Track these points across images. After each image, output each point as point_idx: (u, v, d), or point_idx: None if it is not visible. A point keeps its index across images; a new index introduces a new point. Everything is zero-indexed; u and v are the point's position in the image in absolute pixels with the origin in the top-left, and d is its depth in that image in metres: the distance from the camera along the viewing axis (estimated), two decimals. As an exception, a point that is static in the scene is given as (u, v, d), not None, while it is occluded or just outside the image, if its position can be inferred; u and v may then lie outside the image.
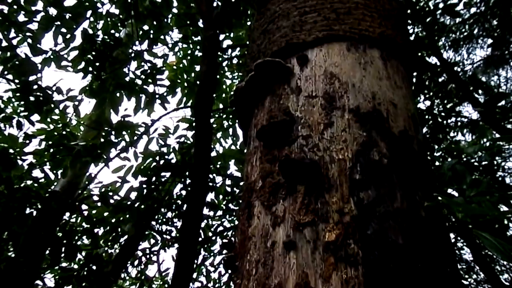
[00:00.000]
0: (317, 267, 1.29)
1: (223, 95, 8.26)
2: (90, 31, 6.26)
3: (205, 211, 7.45)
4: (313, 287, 1.25)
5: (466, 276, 7.96)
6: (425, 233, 1.40)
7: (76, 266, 5.95)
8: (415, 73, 5.32)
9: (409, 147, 1.65)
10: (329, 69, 1.86)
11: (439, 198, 1.41)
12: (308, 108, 1.73)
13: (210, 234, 7.56)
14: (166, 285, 9.70)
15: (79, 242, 7.75)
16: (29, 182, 5.92)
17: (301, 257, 1.33)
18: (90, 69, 6.19)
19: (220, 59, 7.83)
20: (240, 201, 1.84)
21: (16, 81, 5.49)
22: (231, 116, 7.65)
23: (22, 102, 5.43)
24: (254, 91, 2.07)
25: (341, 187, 1.44)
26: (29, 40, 5.81)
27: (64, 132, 5.80)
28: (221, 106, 8.16)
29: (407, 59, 2.17)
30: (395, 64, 2.02)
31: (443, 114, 6.06)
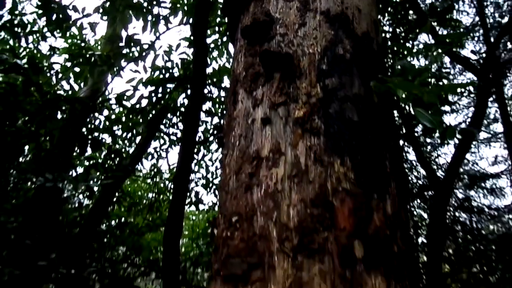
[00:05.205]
0: (287, 137, 1.31)
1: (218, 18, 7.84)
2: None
3: (204, 117, 7.48)
4: (283, 152, 1.28)
5: (409, 173, 8.34)
6: (376, 114, 1.41)
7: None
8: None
9: (369, 46, 1.60)
10: (306, -23, 1.74)
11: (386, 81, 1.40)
12: (286, 10, 1.65)
13: (208, 135, 7.66)
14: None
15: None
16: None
17: (275, 130, 1.34)
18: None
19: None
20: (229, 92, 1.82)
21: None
22: (225, 38, 7.34)
23: (45, 18, 5.09)
24: (241, -1, 1.95)
25: (310, 75, 1.42)
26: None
27: (83, 44, 5.53)
28: (217, 28, 7.78)
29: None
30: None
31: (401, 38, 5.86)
